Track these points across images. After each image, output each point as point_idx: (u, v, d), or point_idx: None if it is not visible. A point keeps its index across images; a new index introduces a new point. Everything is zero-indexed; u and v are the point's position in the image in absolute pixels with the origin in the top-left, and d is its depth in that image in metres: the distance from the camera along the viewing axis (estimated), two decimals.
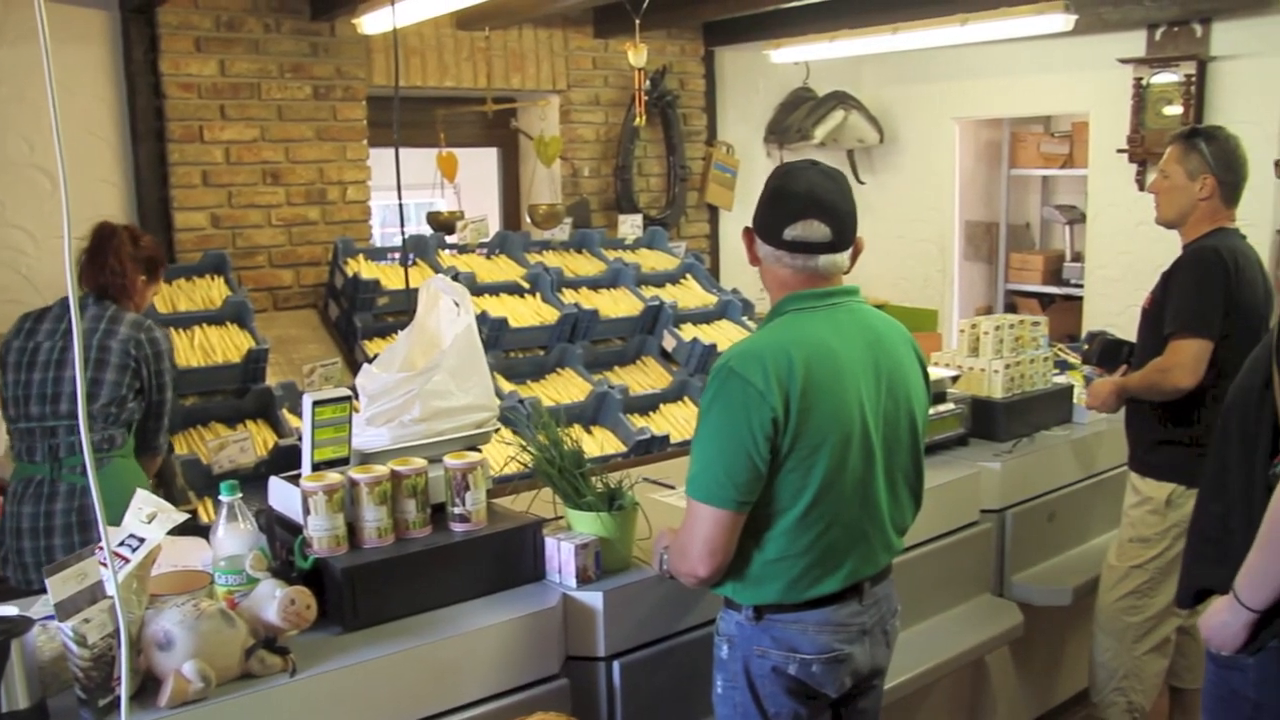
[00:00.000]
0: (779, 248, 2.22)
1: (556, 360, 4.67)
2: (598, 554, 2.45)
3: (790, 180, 2.23)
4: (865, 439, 2.18)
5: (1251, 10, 5.26)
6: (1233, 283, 3.19)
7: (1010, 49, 6.17)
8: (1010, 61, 6.38)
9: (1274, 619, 2.07)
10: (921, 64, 6.75)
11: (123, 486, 2.80)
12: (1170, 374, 3.22)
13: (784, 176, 2.25)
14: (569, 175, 5.87)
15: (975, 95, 6.74)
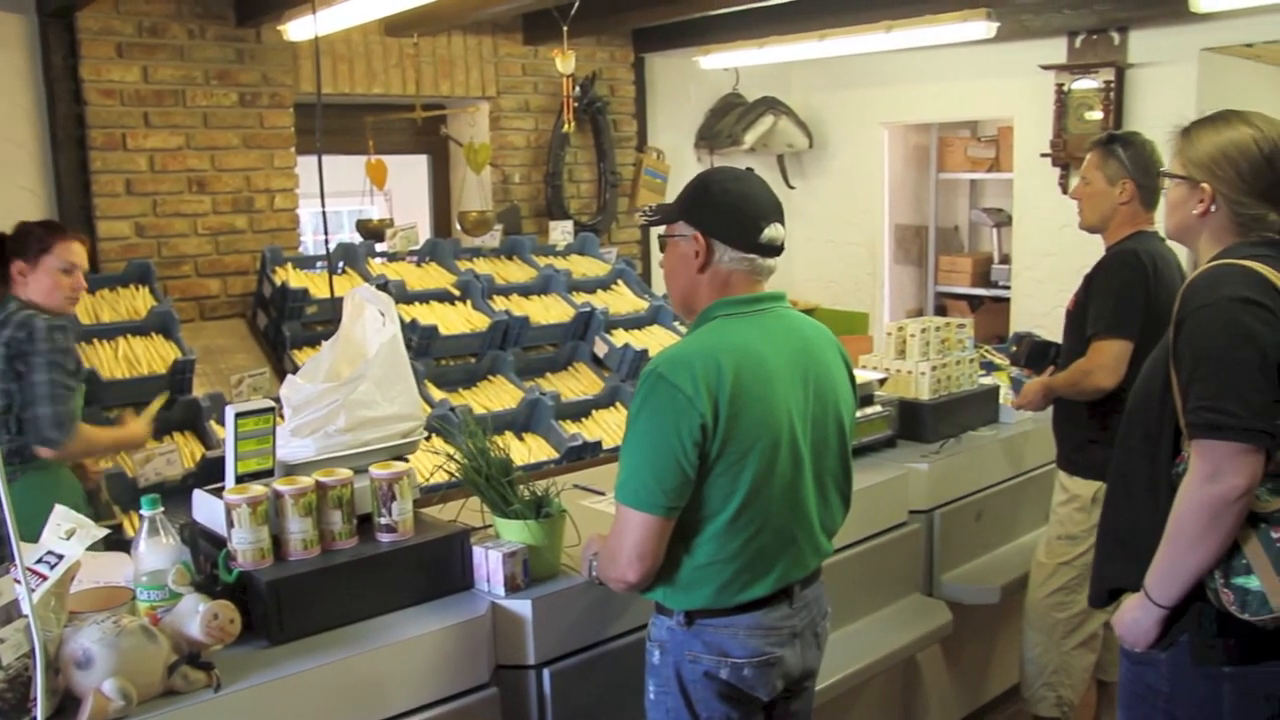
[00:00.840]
0: (750, 250, 2.24)
1: (488, 367, 4.65)
2: (526, 562, 2.45)
3: (749, 185, 2.28)
4: (793, 443, 2.19)
5: (1164, 20, 5.40)
6: (1151, 285, 3.27)
7: (937, 55, 6.26)
8: (937, 67, 6.48)
9: (1184, 614, 2.11)
10: (850, 70, 6.82)
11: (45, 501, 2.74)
12: (1092, 375, 3.29)
13: (740, 181, 2.28)
14: (499, 182, 5.86)
15: (903, 100, 6.82)
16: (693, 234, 2.25)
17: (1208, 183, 2.18)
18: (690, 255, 2.26)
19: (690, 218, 2.26)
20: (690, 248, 2.26)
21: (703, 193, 2.26)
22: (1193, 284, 2.12)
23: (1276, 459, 2.00)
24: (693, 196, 2.28)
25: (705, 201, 2.26)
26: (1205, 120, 2.25)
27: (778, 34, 5.59)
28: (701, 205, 2.26)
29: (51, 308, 3.39)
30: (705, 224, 2.24)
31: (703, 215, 2.25)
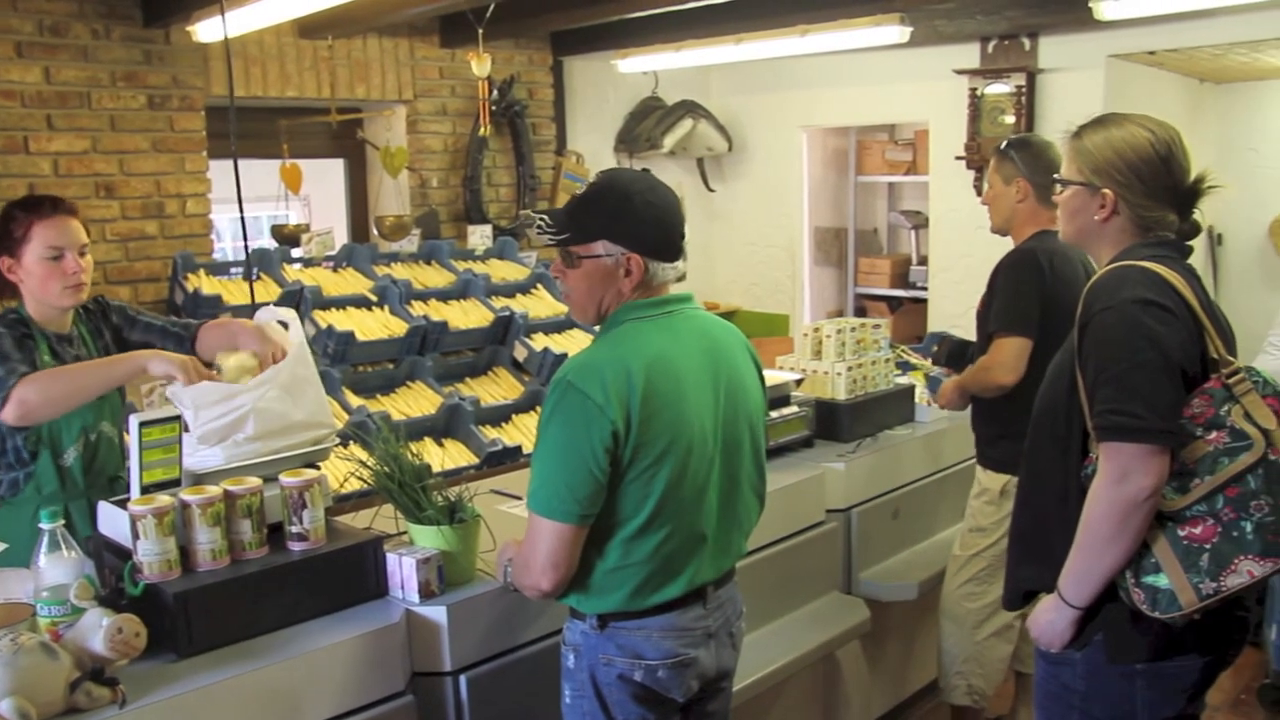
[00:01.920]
0: (676, 260, 2.24)
1: (406, 373, 4.61)
2: (440, 568, 2.43)
3: (664, 194, 2.24)
4: (706, 446, 2.20)
5: (1072, 28, 5.52)
6: (1048, 282, 3.34)
7: (854, 59, 6.33)
8: (854, 71, 6.55)
9: (1097, 614, 2.15)
10: (769, 73, 6.87)
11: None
12: (992, 371, 3.36)
13: (656, 192, 2.23)
14: (417, 186, 5.81)
15: (821, 104, 6.89)
16: (622, 253, 2.19)
17: (1109, 188, 2.21)
18: (618, 273, 2.21)
19: (617, 237, 2.19)
20: (618, 265, 2.20)
21: (626, 208, 2.18)
22: (1094, 287, 2.16)
23: (1181, 458, 2.04)
24: (614, 213, 2.19)
25: (632, 219, 2.19)
26: (1094, 124, 2.28)
27: (695, 37, 5.62)
28: (629, 223, 2.19)
29: (52, 308, 2.84)
30: (639, 243, 2.19)
31: (633, 234, 2.19)
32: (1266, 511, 2.00)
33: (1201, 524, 2.03)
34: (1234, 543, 2.00)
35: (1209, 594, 2.01)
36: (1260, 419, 2.03)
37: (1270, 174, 7.30)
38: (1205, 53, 5.72)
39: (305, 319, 4.34)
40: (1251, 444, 2.01)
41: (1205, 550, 2.02)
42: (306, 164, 5.57)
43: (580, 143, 6.52)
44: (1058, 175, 2.34)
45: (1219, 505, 2.02)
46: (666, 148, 6.62)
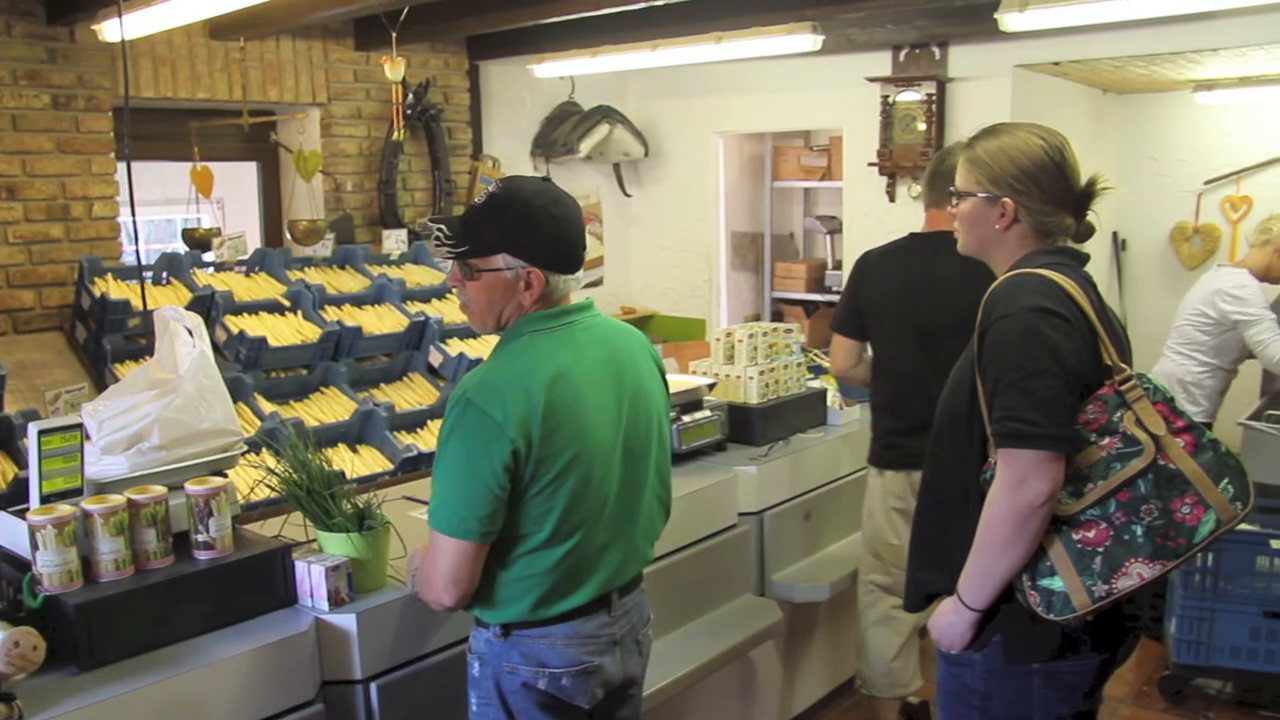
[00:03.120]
0: (576, 270, 2.24)
1: (320, 379, 4.56)
2: (350, 575, 2.42)
3: (568, 208, 2.23)
4: (609, 456, 2.21)
5: (980, 38, 5.63)
6: (857, 283, 3.63)
7: (769, 66, 6.40)
8: (770, 78, 6.62)
9: (995, 616, 2.20)
10: (685, 79, 6.92)
11: None
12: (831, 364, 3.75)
13: (560, 205, 2.22)
14: (331, 190, 5.75)
15: (737, 110, 6.95)
16: (522, 267, 2.19)
17: (1008, 197, 2.26)
18: (518, 286, 2.21)
19: (518, 250, 2.19)
20: (518, 278, 2.20)
21: (528, 222, 2.18)
22: (993, 294, 2.20)
23: (1076, 463, 2.10)
24: (515, 227, 2.18)
25: (534, 234, 2.18)
26: (986, 135, 2.32)
27: (611, 43, 5.64)
28: (530, 238, 2.18)
29: None
30: (540, 258, 2.19)
31: (535, 249, 2.19)
32: (1156, 515, 2.07)
33: (1095, 528, 2.09)
34: (1125, 546, 2.06)
35: (1101, 596, 2.07)
36: (1151, 425, 2.09)
37: (1169, 181, 7.53)
38: (1106, 64, 5.89)
39: (217, 324, 4.28)
40: (1142, 449, 2.07)
41: (1098, 553, 2.07)
42: (220, 167, 5.49)
43: (497, 147, 6.51)
44: (954, 188, 2.37)
45: (1111, 509, 2.08)
46: (583, 153, 6.63)
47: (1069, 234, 2.32)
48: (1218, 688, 4.46)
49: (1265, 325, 4.56)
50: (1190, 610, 4.18)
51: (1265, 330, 4.56)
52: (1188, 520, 2.07)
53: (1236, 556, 4.13)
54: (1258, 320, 4.58)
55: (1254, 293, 4.63)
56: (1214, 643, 4.18)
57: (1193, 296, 4.87)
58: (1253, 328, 4.58)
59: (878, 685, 3.82)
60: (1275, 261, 4.72)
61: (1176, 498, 2.07)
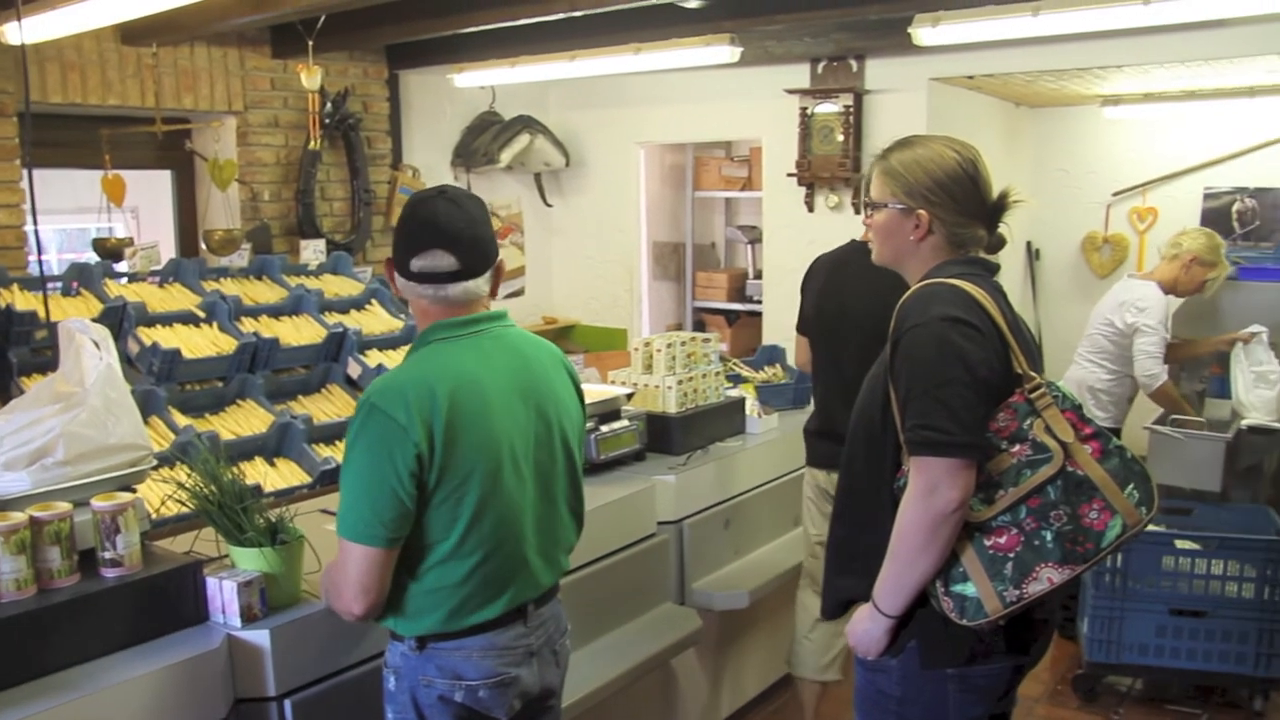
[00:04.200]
0: (409, 279, 2.24)
1: (236, 391, 4.49)
2: (263, 590, 2.39)
3: (415, 211, 2.24)
4: (516, 465, 2.21)
5: (895, 51, 5.73)
6: (803, 286, 3.76)
7: (689, 77, 6.44)
8: (690, 89, 6.66)
9: (910, 622, 2.22)
10: (606, 90, 6.94)
11: None
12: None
13: (411, 207, 2.26)
14: (248, 199, 5.67)
15: (658, 121, 6.99)
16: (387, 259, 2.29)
17: (923, 208, 2.29)
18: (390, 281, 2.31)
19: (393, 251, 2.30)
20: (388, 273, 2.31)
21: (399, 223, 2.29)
22: (906, 304, 2.23)
23: (987, 470, 2.13)
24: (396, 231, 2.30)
25: (396, 227, 2.29)
26: (899, 147, 2.35)
27: (530, 54, 5.64)
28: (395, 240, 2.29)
29: None
30: (392, 249, 2.29)
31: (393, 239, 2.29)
32: (1065, 521, 2.11)
33: (1006, 534, 2.12)
34: (1035, 551, 2.10)
35: (1013, 601, 2.10)
36: (1059, 432, 2.13)
37: (1080, 193, 7.72)
38: (1018, 79, 6.02)
39: (129, 336, 4.19)
40: (1051, 456, 2.11)
41: (1009, 559, 2.11)
42: (134, 175, 5.39)
43: (417, 157, 6.47)
44: (869, 199, 2.40)
45: (1022, 515, 2.12)
46: (504, 162, 6.62)
47: (981, 245, 2.36)
48: (1128, 684, 4.57)
49: (1154, 340, 4.70)
50: (1101, 610, 4.28)
51: (1152, 344, 4.69)
52: (1095, 525, 2.12)
53: (1144, 557, 4.23)
54: (1151, 333, 4.71)
55: (1157, 307, 4.76)
56: (1123, 641, 4.28)
57: (1102, 306, 4.98)
58: (1142, 338, 4.71)
59: (794, 659, 3.90)
60: (1183, 276, 4.84)
61: (1084, 503, 2.12)
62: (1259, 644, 4.17)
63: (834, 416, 3.60)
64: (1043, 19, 4.26)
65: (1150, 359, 4.69)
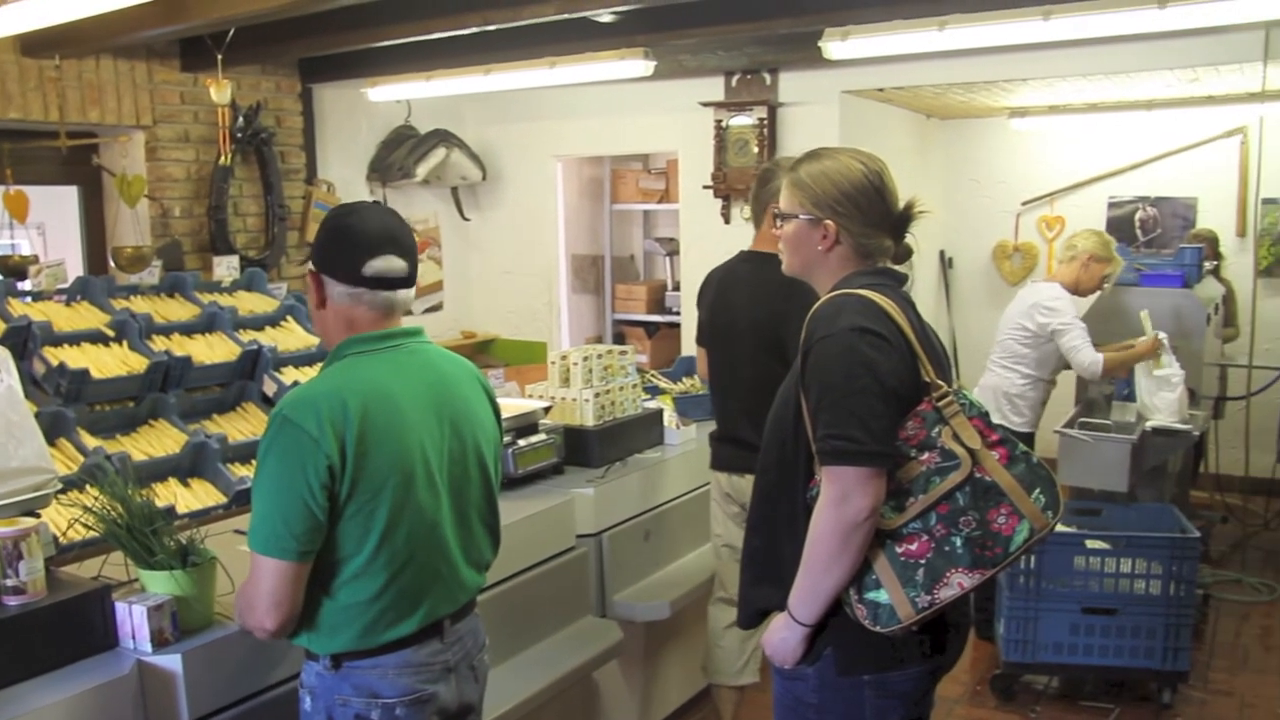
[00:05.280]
0: (358, 284, 2.22)
1: (148, 411, 4.40)
2: (174, 614, 2.34)
3: (362, 218, 2.24)
4: (430, 480, 2.20)
5: (807, 65, 5.82)
6: (698, 299, 3.86)
7: (605, 90, 6.47)
8: (607, 102, 6.69)
9: (825, 630, 2.24)
10: (522, 103, 6.94)
11: None
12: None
13: (352, 214, 2.26)
14: (158, 216, 5.58)
15: (575, 134, 7.01)
16: (310, 270, 2.27)
17: (830, 219, 2.32)
18: (312, 292, 2.28)
19: (312, 255, 2.29)
20: (311, 284, 2.28)
21: (320, 227, 2.27)
22: (815, 315, 2.25)
23: (897, 478, 2.16)
24: (318, 235, 2.28)
25: (319, 237, 2.27)
26: (808, 159, 2.39)
27: (445, 67, 5.63)
28: (317, 242, 2.27)
29: None
30: (316, 259, 2.26)
31: (316, 251, 2.27)
32: (974, 526, 2.14)
33: (917, 540, 2.15)
34: (946, 557, 2.13)
35: (924, 606, 2.13)
36: (967, 439, 2.16)
37: (990, 203, 7.89)
38: (928, 91, 6.14)
39: (35, 356, 4.09)
40: (959, 463, 2.14)
41: (920, 565, 2.14)
42: (38, 191, 5.27)
43: (332, 172, 6.42)
44: (778, 210, 2.43)
45: (932, 522, 2.15)
46: (420, 177, 6.59)
47: (888, 255, 2.39)
48: (1044, 683, 4.66)
49: (1077, 333, 4.80)
50: (1016, 611, 4.36)
51: (1077, 337, 4.80)
52: (1003, 530, 2.15)
53: (1056, 558, 4.32)
54: (1070, 328, 4.81)
55: (1066, 304, 4.87)
56: (1039, 640, 4.36)
57: (1011, 311, 5.08)
58: (1065, 335, 4.81)
59: (709, 666, 3.92)
60: (1082, 275, 4.97)
61: (992, 509, 2.15)
62: (1166, 639, 4.29)
63: (733, 421, 3.68)
64: (948, 33, 4.36)
65: (1081, 351, 4.79)
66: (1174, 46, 5.01)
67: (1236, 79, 5.81)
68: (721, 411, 3.79)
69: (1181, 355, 4.92)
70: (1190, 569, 4.27)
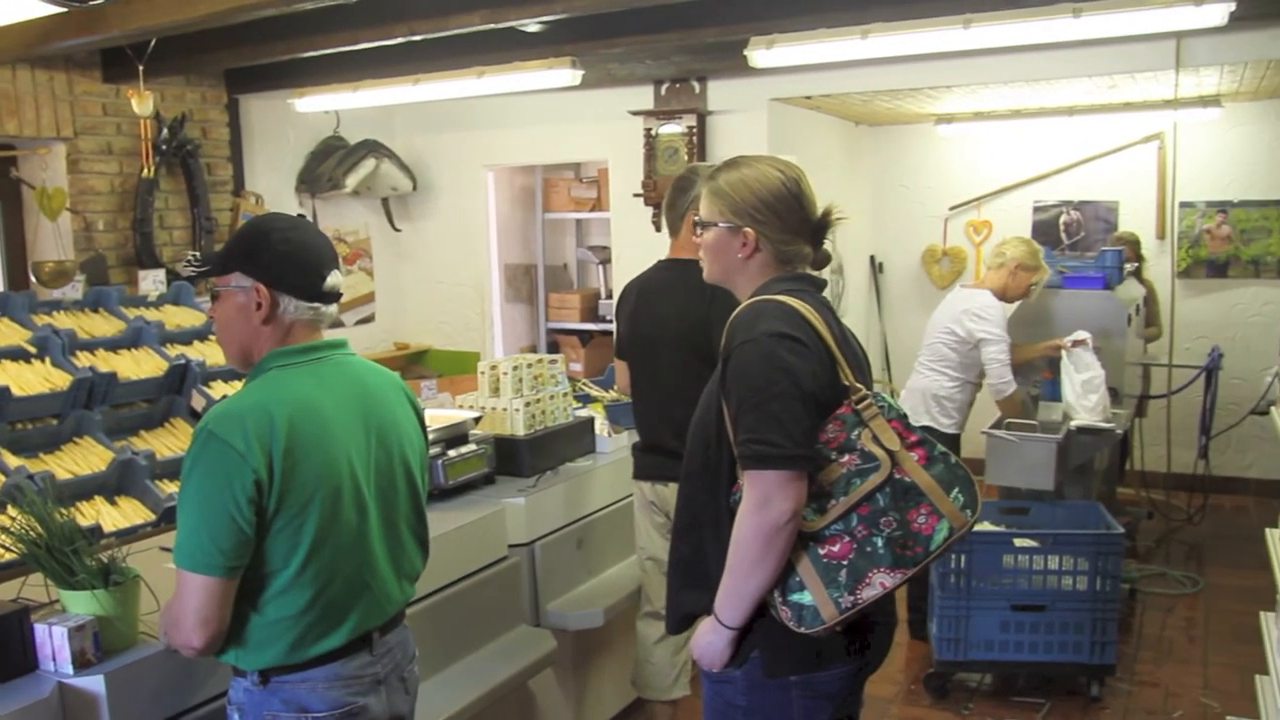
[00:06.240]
0: (314, 299, 2.23)
1: (73, 429, 4.34)
2: (96, 634, 2.31)
3: (307, 233, 2.27)
4: (357, 492, 2.20)
5: (735, 73, 5.87)
6: (617, 310, 3.88)
7: (536, 100, 6.47)
8: (537, 111, 6.70)
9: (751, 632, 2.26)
10: (452, 113, 6.92)
11: None
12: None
13: (297, 230, 2.27)
14: (81, 229, 5.49)
15: (505, 144, 7.00)
16: (253, 285, 2.21)
17: (750, 227, 2.35)
18: (250, 308, 2.22)
19: (249, 268, 2.22)
20: (250, 299, 2.21)
21: (261, 242, 2.22)
22: (735, 320, 2.28)
23: (819, 481, 2.18)
24: (249, 246, 2.23)
25: (265, 251, 2.22)
26: (727, 167, 2.41)
27: (373, 77, 5.60)
28: (261, 255, 2.22)
29: None
30: (267, 275, 2.21)
31: (263, 266, 2.21)
32: (895, 527, 2.17)
33: (839, 542, 2.17)
34: (868, 558, 2.16)
35: (848, 607, 2.15)
36: (886, 441, 2.19)
37: (920, 208, 8.00)
38: (855, 98, 6.22)
39: None
40: (879, 465, 2.17)
41: (843, 566, 2.16)
42: None
43: (260, 183, 6.36)
44: (698, 218, 2.45)
45: (853, 524, 2.17)
46: (349, 188, 6.55)
47: (807, 261, 2.42)
48: (977, 680, 4.73)
49: (1001, 347, 4.90)
50: (948, 610, 4.42)
51: (1001, 353, 4.90)
52: (924, 530, 2.19)
53: (986, 556, 4.39)
54: (997, 341, 4.90)
55: (997, 313, 4.95)
56: (970, 639, 4.43)
57: (940, 315, 5.15)
58: (990, 347, 4.90)
59: (639, 681, 3.93)
60: (1011, 282, 5.06)
61: (912, 509, 2.19)
62: (1093, 633, 4.38)
63: (657, 430, 3.70)
64: (871, 41, 4.42)
65: (1003, 367, 4.88)
66: (1091, 55, 5.12)
67: (1152, 86, 5.96)
68: (645, 420, 3.80)
69: (1103, 355, 5.03)
70: (1115, 564, 4.37)
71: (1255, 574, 4.91)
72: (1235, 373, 7.07)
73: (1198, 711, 4.46)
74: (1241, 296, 7.30)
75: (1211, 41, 4.97)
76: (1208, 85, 6.08)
